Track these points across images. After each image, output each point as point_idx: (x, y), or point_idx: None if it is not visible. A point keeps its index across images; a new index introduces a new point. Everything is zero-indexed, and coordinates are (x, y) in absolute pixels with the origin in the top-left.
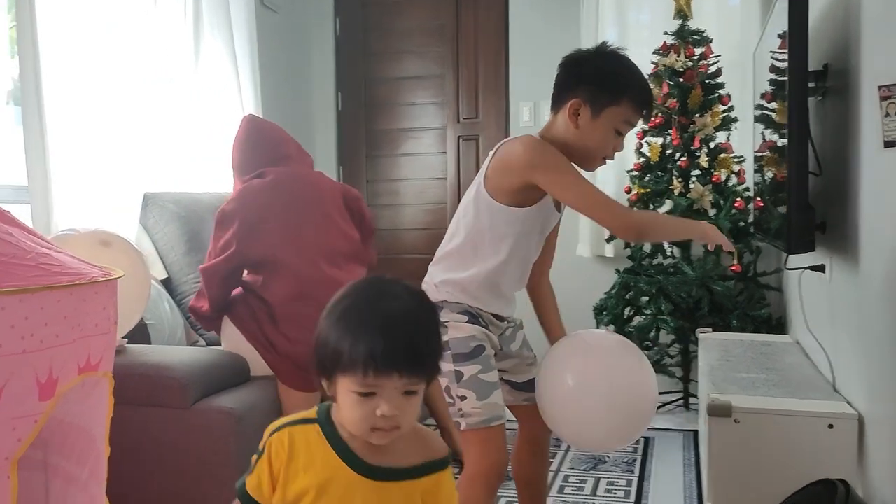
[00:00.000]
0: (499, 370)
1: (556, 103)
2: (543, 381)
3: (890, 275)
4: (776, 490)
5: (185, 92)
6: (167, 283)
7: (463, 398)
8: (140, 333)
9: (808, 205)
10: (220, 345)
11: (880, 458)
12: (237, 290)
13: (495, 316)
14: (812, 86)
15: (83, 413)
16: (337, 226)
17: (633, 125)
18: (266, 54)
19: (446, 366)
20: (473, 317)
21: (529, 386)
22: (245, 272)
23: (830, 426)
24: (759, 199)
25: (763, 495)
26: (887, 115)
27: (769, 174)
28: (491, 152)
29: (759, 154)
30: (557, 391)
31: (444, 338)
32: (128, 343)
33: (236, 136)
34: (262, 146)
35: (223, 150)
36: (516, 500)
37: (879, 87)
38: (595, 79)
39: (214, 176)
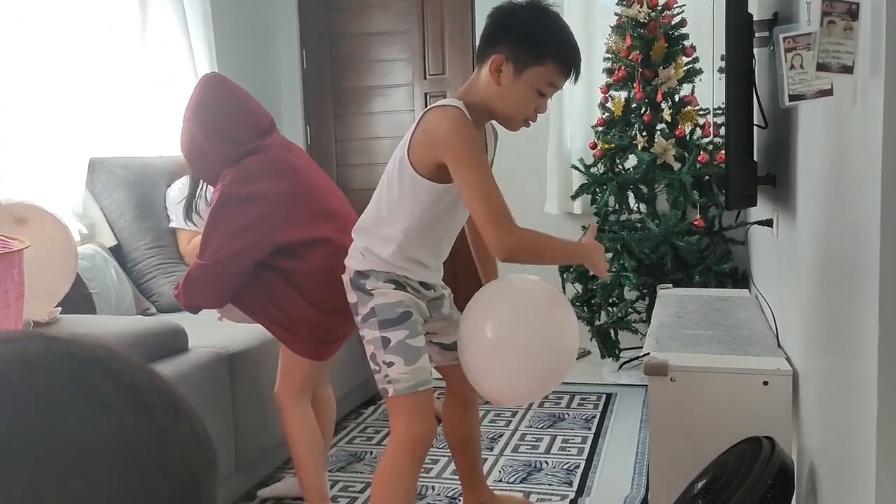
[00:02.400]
0: (427, 332)
1: (480, 58)
2: (463, 330)
3: (818, 230)
4: (713, 447)
5: (131, 54)
6: (117, 250)
7: (390, 364)
8: (84, 303)
9: (751, 158)
10: (172, 312)
11: (810, 413)
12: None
13: (422, 284)
14: (765, 35)
15: None
16: (342, 194)
17: (558, 87)
18: (223, 11)
19: (372, 332)
20: (400, 285)
21: (456, 346)
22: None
23: (765, 383)
24: (722, 152)
25: (700, 453)
26: (792, 67)
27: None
28: (418, 118)
29: (722, 106)
30: (474, 341)
31: (371, 304)
32: (63, 313)
33: (202, 98)
34: (243, 115)
35: (174, 113)
36: (450, 461)
37: (784, 39)
38: (519, 35)
39: (166, 139)
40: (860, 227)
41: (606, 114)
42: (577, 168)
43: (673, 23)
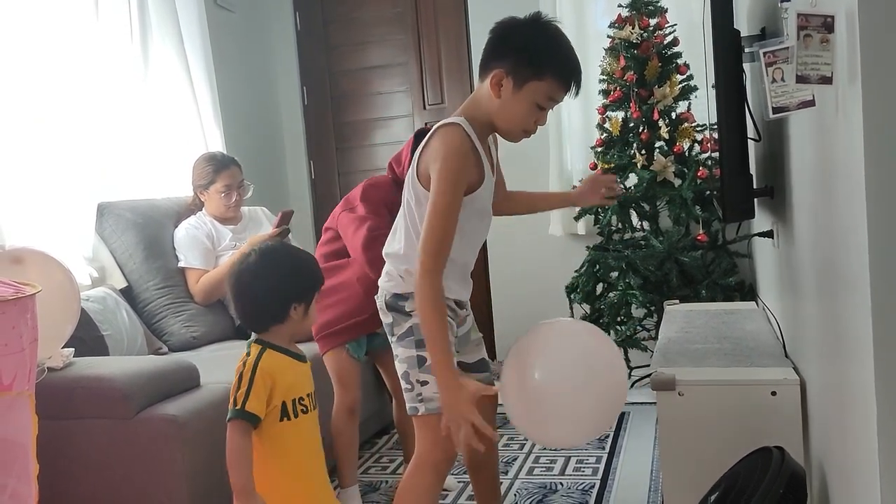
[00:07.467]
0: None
1: (482, 72)
2: (511, 379)
3: (813, 238)
4: (724, 459)
5: (134, 99)
6: (128, 292)
7: (424, 383)
8: (97, 345)
9: (746, 171)
10: (183, 350)
11: (818, 421)
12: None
13: (457, 303)
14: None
15: (13, 429)
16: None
17: (558, 101)
18: (224, 54)
19: (407, 351)
20: None
21: (479, 366)
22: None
23: (773, 393)
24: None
25: (712, 465)
26: (774, 80)
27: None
28: (427, 135)
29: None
30: (526, 392)
31: (408, 323)
32: (76, 356)
33: None
34: None
35: (179, 154)
36: (468, 485)
37: (765, 53)
38: (520, 50)
39: (171, 181)
40: (849, 234)
41: (605, 134)
42: None
43: (665, 42)
